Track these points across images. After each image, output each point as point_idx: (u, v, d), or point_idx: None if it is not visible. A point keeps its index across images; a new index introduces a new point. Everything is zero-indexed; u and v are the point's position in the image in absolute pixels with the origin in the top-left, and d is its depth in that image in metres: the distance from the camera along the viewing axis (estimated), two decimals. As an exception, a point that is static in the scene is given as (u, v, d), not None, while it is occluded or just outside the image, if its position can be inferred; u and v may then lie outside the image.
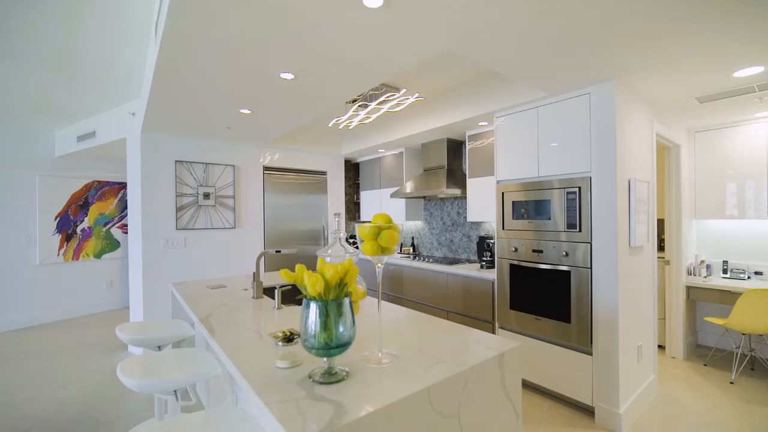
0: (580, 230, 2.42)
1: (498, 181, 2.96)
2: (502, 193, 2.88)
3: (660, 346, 3.50)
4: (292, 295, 2.54)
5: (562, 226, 2.50)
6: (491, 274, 3.02)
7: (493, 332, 3.02)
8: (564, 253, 2.48)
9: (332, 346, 1.08)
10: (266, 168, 4.47)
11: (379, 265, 1.25)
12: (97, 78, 3.25)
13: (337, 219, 1.49)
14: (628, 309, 2.37)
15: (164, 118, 3.13)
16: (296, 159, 4.71)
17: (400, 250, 4.79)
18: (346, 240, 5.23)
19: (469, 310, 3.22)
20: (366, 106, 3.29)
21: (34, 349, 3.90)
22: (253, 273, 2.23)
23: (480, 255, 3.66)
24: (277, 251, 2.25)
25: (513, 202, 2.80)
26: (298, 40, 1.77)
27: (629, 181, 2.39)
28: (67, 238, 5.10)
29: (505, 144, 2.90)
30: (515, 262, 2.78)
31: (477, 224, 3.93)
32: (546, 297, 2.59)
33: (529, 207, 2.70)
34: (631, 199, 2.38)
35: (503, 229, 2.88)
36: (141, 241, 3.62)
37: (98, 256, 5.37)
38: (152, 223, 3.70)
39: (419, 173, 4.39)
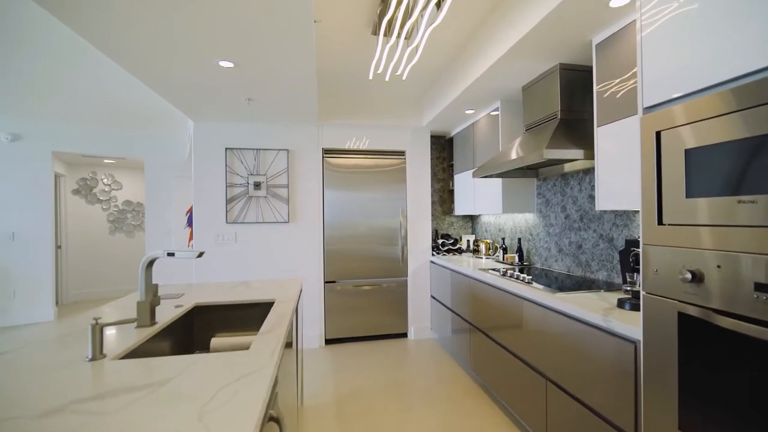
0: None
1: (646, 109, 1.25)
2: (657, 133, 1.17)
3: None
4: (221, 323, 1.63)
5: None
6: (632, 329, 1.32)
7: (640, 461, 1.31)
8: None
9: None
10: (326, 151, 3.72)
11: None
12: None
13: None
14: None
15: (173, 93, 2.73)
16: (364, 137, 3.79)
17: (504, 258, 3.23)
18: (437, 239, 3.94)
19: (584, 390, 1.56)
20: (391, 28, 2.06)
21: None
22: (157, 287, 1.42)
23: (625, 275, 1.86)
24: (169, 254, 1.38)
25: (688, 151, 1.07)
26: None
27: None
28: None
29: (664, 19, 1.17)
30: (694, 311, 1.05)
31: (625, 217, 2.08)
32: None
33: (740, 158, 0.94)
34: None
35: (660, 223, 1.17)
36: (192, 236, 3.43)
37: (217, 248, 5.86)
38: (203, 217, 3.48)
39: (519, 135, 2.77)
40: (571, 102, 2.20)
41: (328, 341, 3.73)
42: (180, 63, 2.18)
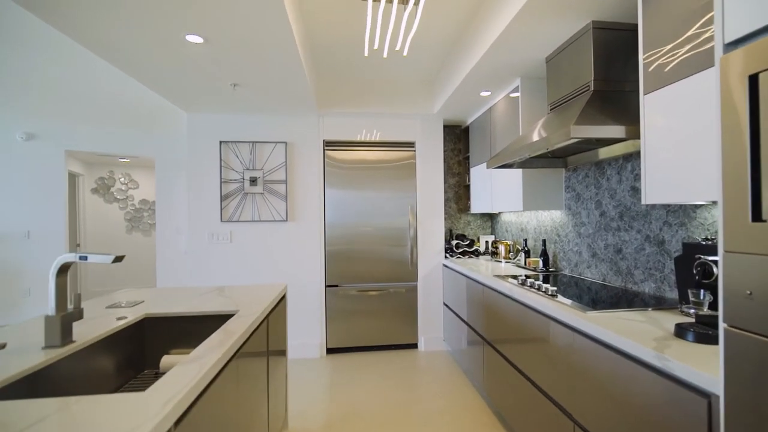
0: None
1: (729, 45, 0.82)
2: (753, 77, 0.75)
3: None
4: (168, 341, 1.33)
5: None
6: (705, 377, 0.89)
7: None
8: None
9: None
10: (327, 143, 3.41)
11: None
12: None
13: None
14: None
15: (150, 78, 2.50)
16: (369, 126, 3.45)
17: (526, 263, 2.79)
18: (451, 240, 3.52)
19: (632, 447, 1.14)
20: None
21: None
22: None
23: (683, 291, 1.41)
24: (82, 257, 1.10)
25: (813, 101, 0.65)
26: None
27: None
28: (203, 230, 5.60)
29: None
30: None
31: (681, 214, 1.61)
32: None
33: None
34: None
35: (757, 220, 0.75)
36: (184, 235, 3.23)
37: (227, 248, 5.72)
38: (197, 215, 3.26)
39: (543, 117, 2.33)
40: (608, 69, 1.76)
41: (329, 350, 3.42)
42: (145, 40, 1.92)
